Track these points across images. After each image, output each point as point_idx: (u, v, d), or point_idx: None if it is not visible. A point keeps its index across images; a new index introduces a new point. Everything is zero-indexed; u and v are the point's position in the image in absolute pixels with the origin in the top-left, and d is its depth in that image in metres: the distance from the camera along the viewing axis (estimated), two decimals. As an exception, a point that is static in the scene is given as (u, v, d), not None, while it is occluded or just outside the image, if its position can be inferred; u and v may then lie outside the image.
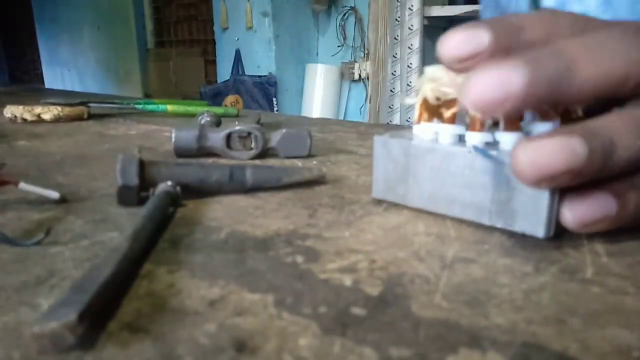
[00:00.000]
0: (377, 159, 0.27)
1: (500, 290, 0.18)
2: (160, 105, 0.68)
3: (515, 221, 0.22)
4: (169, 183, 0.27)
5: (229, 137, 0.40)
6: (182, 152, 0.40)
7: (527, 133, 0.22)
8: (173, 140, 0.39)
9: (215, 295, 0.18)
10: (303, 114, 2.57)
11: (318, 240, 0.23)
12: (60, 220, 0.25)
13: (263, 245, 0.22)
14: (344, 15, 2.70)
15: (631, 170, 0.20)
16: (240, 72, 2.82)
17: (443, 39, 0.21)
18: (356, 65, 2.68)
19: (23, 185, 0.27)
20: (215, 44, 3.01)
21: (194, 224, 0.25)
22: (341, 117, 2.79)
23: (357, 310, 0.16)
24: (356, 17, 2.66)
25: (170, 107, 0.68)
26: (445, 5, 2.49)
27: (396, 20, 2.45)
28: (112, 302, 0.17)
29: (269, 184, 0.30)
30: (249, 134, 0.40)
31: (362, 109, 2.75)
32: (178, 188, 0.27)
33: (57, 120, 0.61)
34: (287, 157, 0.40)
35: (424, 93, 0.24)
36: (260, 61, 2.75)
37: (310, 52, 2.87)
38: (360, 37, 2.67)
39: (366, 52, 2.65)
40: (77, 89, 3.92)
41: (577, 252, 0.21)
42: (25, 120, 0.60)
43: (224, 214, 0.26)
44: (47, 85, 4.34)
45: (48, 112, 0.61)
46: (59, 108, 0.62)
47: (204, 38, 3.44)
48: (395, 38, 2.48)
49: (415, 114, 0.26)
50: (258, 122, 0.47)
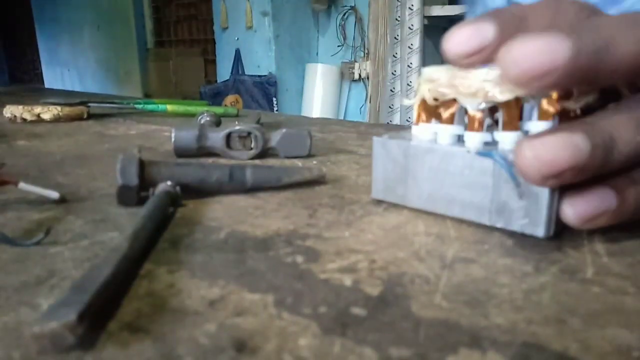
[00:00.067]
0: (376, 160, 0.27)
1: (500, 290, 0.18)
2: (160, 105, 0.69)
3: (515, 221, 0.22)
4: (169, 183, 0.27)
5: (228, 137, 0.40)
6: (182, 152, 0.40)
7: (526, 132, 0.23)
8: (173, 140, 0.39)
9: (215, 295, 0.18)
10: (303, 114, 2.57)
11: (318, 240, 0.23)
12: (60, 220, 0.25)
13: (263, 245, 0.22)
14: (344, 14, 2.70)
15: (630, 166, 0.20)
16: (240, 71, 2.82)
17: (448, 36, 0.20)
18: (356, 65, 2.68)
19: (23, 185, 0.27)
20: (215, 43, 3.01)
21: (194, 224, 0.25)
22: (341, 117, 2.79)
23: (357, 310, 0.16)
24: (356, 17, 2.66)
25: (170, 107, 0.68)
26: (445, 5, 2.49)
27: (396, 19, 2.45)
28: (112, 302, 0.17)
29: (269, 184, 0.30)
30: (249, 133, 0.40)
31: (362, 108, 2.75)
32: (178, 188, 0.27)
33: (56, 120, 0.61)
34: (287, 157, 0.40)
35: (422, 94, 0.24)
36: (260, 61, 2.75)
37: (310, 52, 2.87)
38: (360, 36, 2.67)
39: (366, 51, 2.65)
40: (77, 89, 3.91)
41: (577, 252, 0.21)
42: (24, 120, 0.60)
43: (224, 214, 0.26)
44: (47, 85, 4.34)
45: (48, 112, 0.61)
46: (59, 108, 0.62)
47: (204, 38, 3.44)
48: (395, 38, 2.48)
49: (414, 114, 0.26)
50: (258, 122, 0.47)
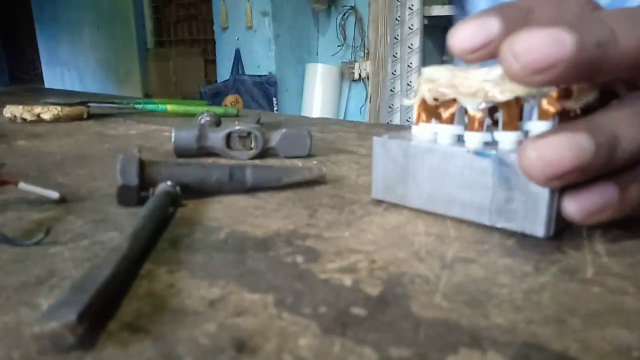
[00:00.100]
0: (376, 160, 0.27)
1: (500, 290, 0.18)
2: (160, 105, 0.68)
3: (515, 221, 0.22)
4: (169, 183, 0.27)
5: (228, 137, 0.40)
6: (182, 152, 0.40)
7: (526, 132, 0.22)
8: (173, 140, 0.39)
9: (215, 295, 0.18)
10: (303, 114, 2.57)
11: (318, 240, 0.23)
12: (60, 220, 0.25)
13: (263, 245, 0.22)
14: (344, 14, 2.70)
15: (632, 164, 0.20)
16: (240, 71, 2.82)
17: (453, 31, 0.20)
18: (356, 65, 2.68)
19: (23, 185, 0.27)
20: (215, 43, 3.01)
21: (194, 224, 0.25)
22: (341, 117, 2.79)
23: (357, 310, 0.16)
24: (356, 17, 2.66)
25: (170, 107, 0.68)
26: (445, 4, 2.49)
27: (396, 19, 2.45)
28: (112, 302, 0.17)
29: (269, 184, 0.30)
30: (249, 133, 0.40)
31: (362, 108, 2.75)
32: (178, 188, 0.27)
33: (56, 120, 0.61)
34: (287, 157, 0.40)
35: (422, 94, 0.24)
36: (260, 61, 2.75)
37: (310, 52, 2.87)
38: (360, 36, 2.67)
39: (366, 51, 2.65)
40: (77, 89, 3.91)
41: (577, 252, 0.21)
42: (24, 120, 0.60)
43: (224, 214, 0.26)
44: (47, 85, 4.34)
45: (48, 112, 0.61)
46: (59, 108, 0.62)
47: (204, 38, 3.44)
48: (395, 38, 2.48)
49: (414, 114, 0.26)
50: (258, 122, 0.47)
